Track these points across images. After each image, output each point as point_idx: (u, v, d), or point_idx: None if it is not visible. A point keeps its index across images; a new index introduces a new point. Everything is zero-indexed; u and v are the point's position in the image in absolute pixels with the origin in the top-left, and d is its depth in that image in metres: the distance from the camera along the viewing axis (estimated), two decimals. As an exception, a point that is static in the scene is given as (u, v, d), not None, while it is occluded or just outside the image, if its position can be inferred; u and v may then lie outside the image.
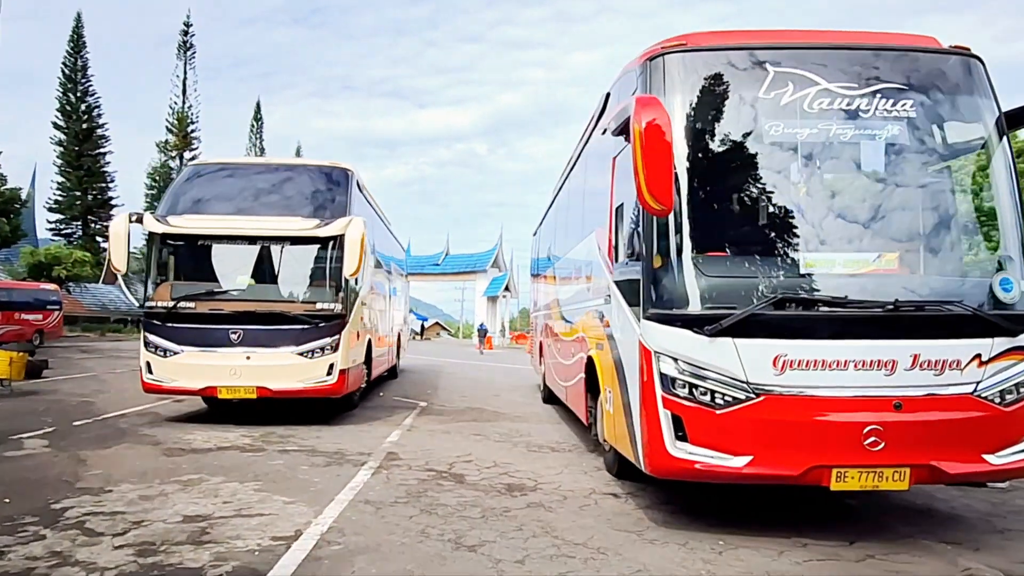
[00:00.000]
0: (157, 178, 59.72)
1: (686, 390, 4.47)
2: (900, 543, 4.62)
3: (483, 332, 42.00)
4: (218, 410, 10.31)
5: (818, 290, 4.43)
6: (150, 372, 9.01)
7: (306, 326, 8.98)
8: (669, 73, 4.88)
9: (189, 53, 60.63)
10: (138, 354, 9.28)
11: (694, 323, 4.43)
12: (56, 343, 28.08)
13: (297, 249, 9.33)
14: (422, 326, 57.72)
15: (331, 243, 9.12)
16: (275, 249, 9.31)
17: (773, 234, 4.64)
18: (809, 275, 4.50)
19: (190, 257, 9.48)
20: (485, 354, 34.72)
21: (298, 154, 69.61)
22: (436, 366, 22.93)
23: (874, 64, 4.82)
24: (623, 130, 4.93)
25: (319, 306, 9.10)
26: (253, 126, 67.36)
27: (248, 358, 8.85)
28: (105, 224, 56.57)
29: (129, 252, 9.06)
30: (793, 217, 4.64)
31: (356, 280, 9.70)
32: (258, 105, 68.12)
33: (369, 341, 11.55)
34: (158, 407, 10.56)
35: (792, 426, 4.34)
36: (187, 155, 60.35)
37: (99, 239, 56.49)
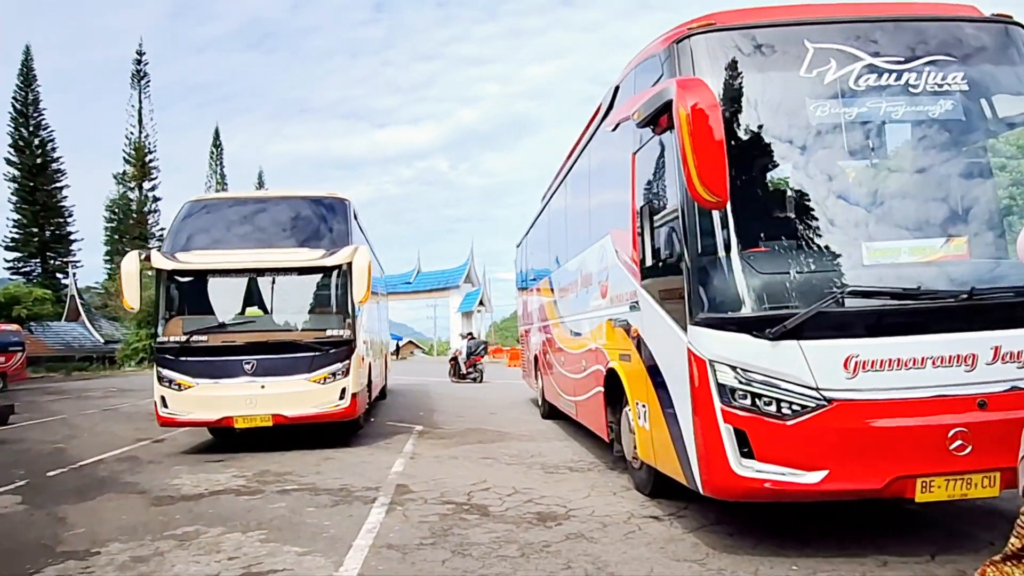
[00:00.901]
0: (116, 210, 58.20)
1: (748, 401, 4.03)
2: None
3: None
4: (203, 448, 9.65)
5: (886, 282, 4.03)
6: (165, 406, 9.07)
7: (317, 353, 9.10)
8: (699, 55, 4.48)
9: (143, 82, 59.37)
10: (109, 394, 8.91)
11: (753, 326, 4.00)
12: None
13: (305, 279, 9.59)
14: (397, 346, 56.93)
15: (336, 271, 9.38)
16: (283, 280, 9.57)
17: (829, 224, 4.24)
18: (874, 266, 4.10)
19: (198, 292, 9.64)
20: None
21: (260, 180, 68.63)
22: (420, 386, 22.29)
23: (918, 36, 4.47)
24: (652, 120, 4.52)
25: (328, 333, 9.25)
26: (213, 153, 66.18)
27: (263, 387, 8.91)
28: (65, 260, 54.98)
29: (141, 289, 9.26)
30: (849, 204, 4.26)
31: (359, 306, 9.70)
32: (216, 131, 67.22)
33: (368, 364, 11.45)
34: (136, 450, 9.85)
35: (869, 434, 3.92)
36: (146, 185, 58.98)
37: (59, 275, 54.82)
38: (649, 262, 5.10)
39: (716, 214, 4.17)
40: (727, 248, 4.16)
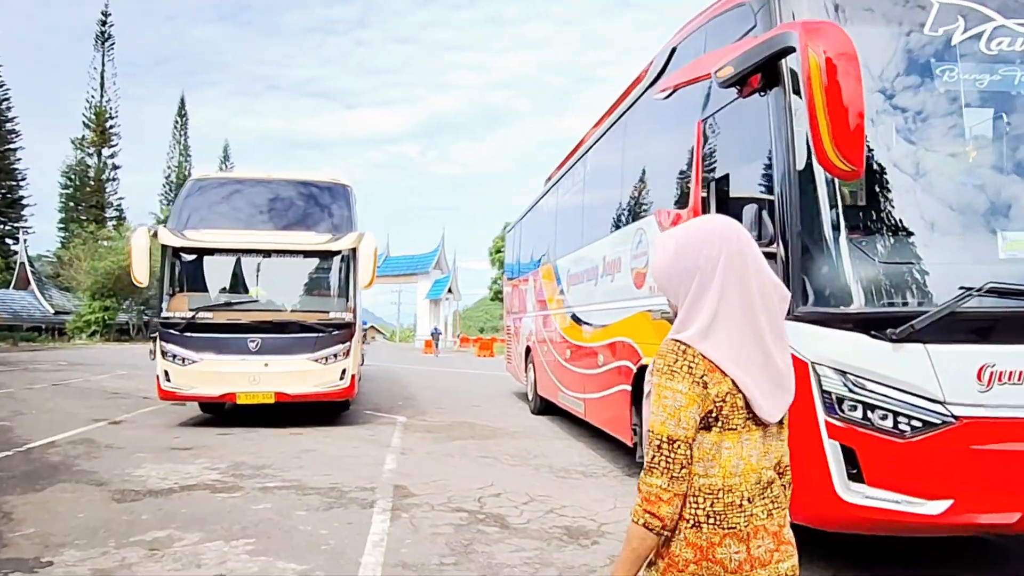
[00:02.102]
0: (73, 176, 55.85)
1: (859, 413, 3.38)
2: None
3: (437, 335, 40.81)
4: (167, 432, 8.75)
5: (1026, 279, 3.41)
6: (168, 380, 9.09)
7: (320, 334, 9.28)
8: (803, 6, 3.80)
9: (108, 45, 57.09)
10: (59, 367, 8.29)
11: (871, 325, 3.35)
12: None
13: (310, 261, 9.94)
14: (363, 331, 55.73)
15: (340, 256, 9.69)
16: (289, 261, 9.77)
17: (958, 209, 3.61)
18: (1011, 260, 3.47)
19: (205, 269, 9.83)
20: (431, 357, 33.33)
21: (226, 153, 66.67)
22: (391, 373, 21.45)
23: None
24: (743, 78, 3.83)
25: (332, 315, 9.47)
26: (177, 122, 63.96)
27: (266, 365, 9.05)
28: (15, 225, 52.53)
29: (150, 264, 9.42)
30: (980, 186, 3.62)
31: (362, 290, 10.05)
32: (182, 101, 64.78)
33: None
34: (92, 432, 8.89)
35: (1004, 458, 3.30)
36: (106, 152, 56.77)
37: (8, 241, 52.45)
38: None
39: (823, 190, 3.51)
40: (837, 230, 3.51)
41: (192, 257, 9.67)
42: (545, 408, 10.83)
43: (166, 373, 9.07)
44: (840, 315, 3.41)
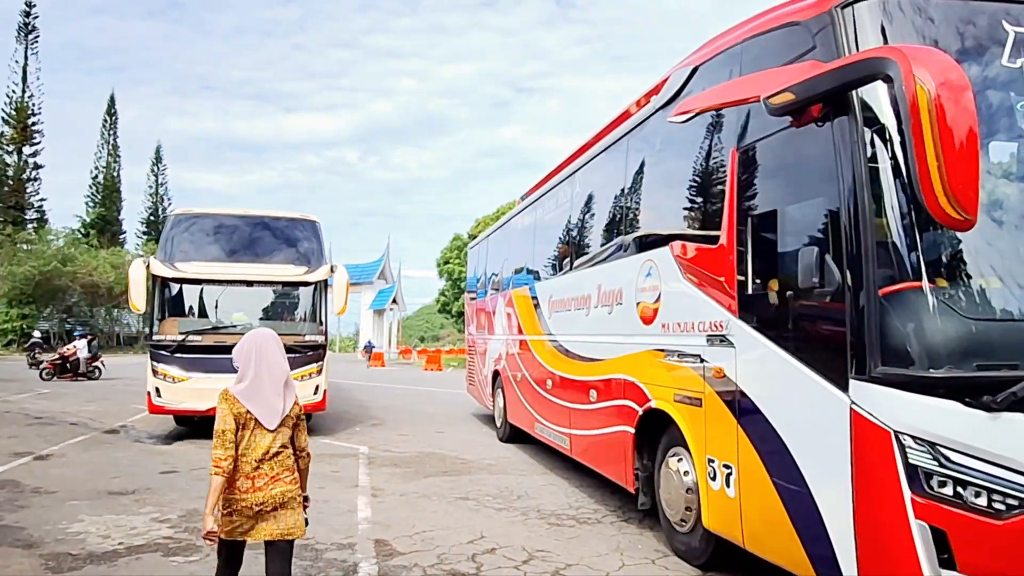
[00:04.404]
0: (-10, 176, 52.34)
1: (950, 490, 2.98)
2: None
3: (370, 348, 39.98)
4: (100, 469, 7.84)
5: None
6: (159, 396, 10.06)
7: (297, 354, 10.07)
8: (869, 28, 3.42)
9: (31, 37, 53.86)
10: None
11: (965, 390, 2.97)
12: None
13: (287, 290, 11.48)
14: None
15: (314, 286, 11.09)
16: (268, 290, 11.41)
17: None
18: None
19: (192, 297, 11.32)
20: (377, 371, 32.34)
21: (158, 155, 63.68)
22: (340, 389, 20.51)
23: None
24: (802, 107, 3.43)
25: (307, 337, 10.72)
26: (106, 121, 60.74)
27: None
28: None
29: (147, 293, 10.45)
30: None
31: (336, 315, 11.60)
32: (112, 98, 61.62)
33: None
34: (15, 471, 7.93)
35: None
36: (27, 150, 53.47)
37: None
38: (757, 288, 4.01)
39: (907, 235, 3.12)
40: (919, 278, 3.11)
41: (180, 286, 11.00)
42: (514, 436, 10.32)
43: (157, 390, 10.02)
44: (930, 379, 3.01)
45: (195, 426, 10.99)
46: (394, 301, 50.73)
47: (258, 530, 3.21)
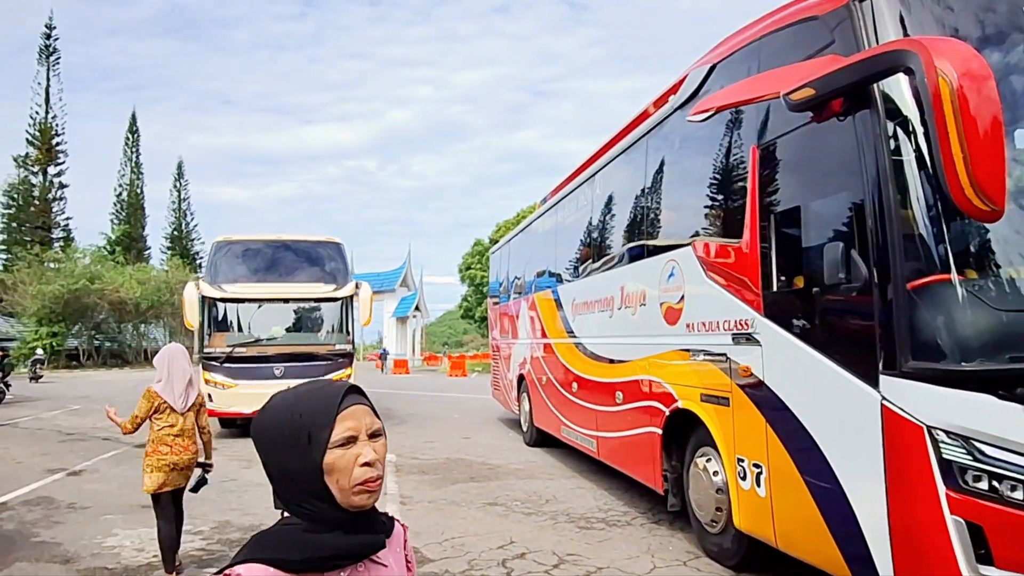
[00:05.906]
0: (16, 196, 53.49)
1: (985, 484, 2.94)
2: None
3: (384, 355, 40.09)
4: (132, 483, 7.94)
5: None
6: (211, 401, 10.75)
7: (329, 361, 11.87)
8: (888, 21, 3.39)
9: (52, 59, 55.09)
10: (5, 403, 9.38)
11: (1000, 384, 2.93)
12: None
13: (320, 305, 13.05)
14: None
15: (343, 301, 12.60)
16: (303, 306, 13.14)
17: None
18: None
19: (233, 313, 12.84)
20: (402, 378, 32.45)
21: (180, 170, 64.97)
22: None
23: None
24: (822, 101, 3.41)
25: (337, 346, 12.38)
26: (128, 139, 61.89)
27: (289, 387, 10.90)
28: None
29: (200, 312, 11.88)
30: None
31: (362, 327, 13.31)
32: (133, 117, 62.71)
33: None
34: (49, 487, 8.07)
35: None
36: (52, 170, 54.63)
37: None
38: (783, 285, 3.98)
39: (935, 227, 3.09)
40: (947, 270, 3.08)
41: (228, 305, 12.54)
42: (541, 439, 10.31)
43: (210, 396, 10.93)
44: (962, 373, 2.97)
45: (239, 428, 12.34)
46: (417, 308, 50.96)
47: (171, 480, 4.66)
